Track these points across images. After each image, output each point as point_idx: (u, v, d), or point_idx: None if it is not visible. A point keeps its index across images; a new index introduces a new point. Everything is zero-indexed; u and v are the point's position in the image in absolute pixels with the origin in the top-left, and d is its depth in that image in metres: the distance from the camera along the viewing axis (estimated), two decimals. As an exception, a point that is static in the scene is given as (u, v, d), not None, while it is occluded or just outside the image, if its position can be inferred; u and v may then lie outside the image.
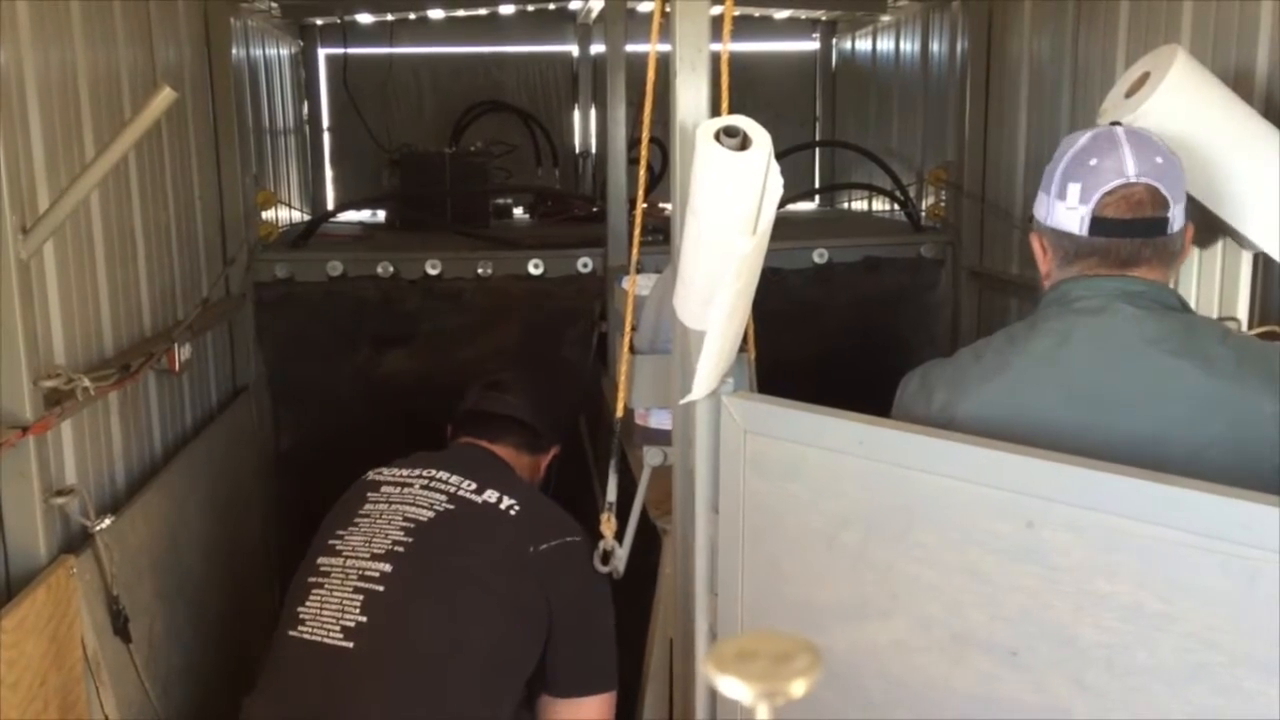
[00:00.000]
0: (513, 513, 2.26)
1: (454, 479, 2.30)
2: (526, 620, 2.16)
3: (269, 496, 3.63)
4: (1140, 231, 1.64)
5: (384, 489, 2.31)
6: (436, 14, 5.36)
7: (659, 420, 2.65)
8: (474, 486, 2.28)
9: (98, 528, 2.10)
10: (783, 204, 1.61)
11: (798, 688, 0.54)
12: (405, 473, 2.33)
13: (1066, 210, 1.65)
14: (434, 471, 2.32)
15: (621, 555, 2.04)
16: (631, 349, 2.31)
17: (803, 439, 1.53)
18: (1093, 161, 1.64)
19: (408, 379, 3.87)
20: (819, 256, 4.01)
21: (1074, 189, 1.64)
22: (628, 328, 2.10)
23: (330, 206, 5.35)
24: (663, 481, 2.04)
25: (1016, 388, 1.62)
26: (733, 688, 0.54)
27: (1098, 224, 1.63)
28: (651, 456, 2.13)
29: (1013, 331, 1.72)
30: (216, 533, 2.92)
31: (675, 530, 1.88)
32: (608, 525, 2.00)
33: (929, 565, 1.40)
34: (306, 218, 4.91)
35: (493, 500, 2.27)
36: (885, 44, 5.08)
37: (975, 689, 1.38)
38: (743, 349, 1.74)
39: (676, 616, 1.92)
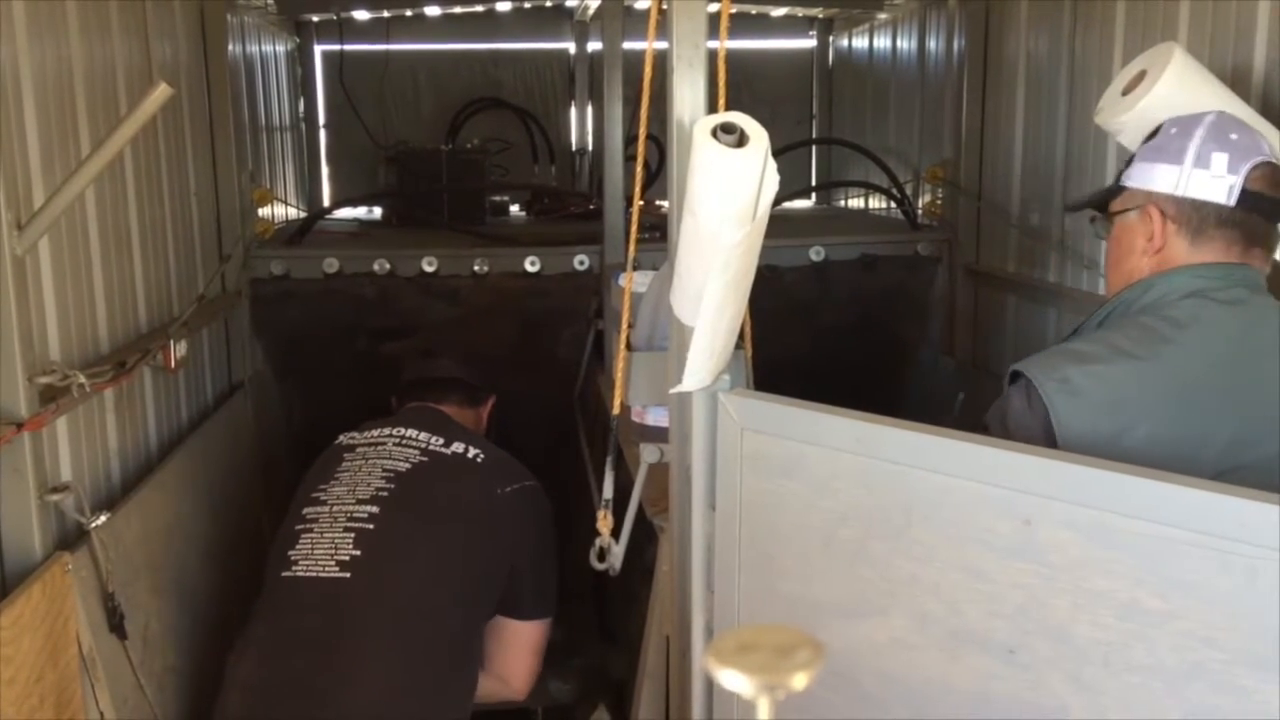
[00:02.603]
0: (479, 460, 2.58)
1: (422, 435, 2.60)
2: (496, 552, 2.47)
3: (264, 492, 3.63)
4: (1278, 213, 1.64)
5: (358, 449, 2.59)
6: (433, 11, 5.34)
7: (656, 417, 2.65)
8: (441, 441, 2.59)
9: (93, 525, 2.10)
10: (779, 201, 1.61)
11: (799, 681, 0.54)
12: (375, 433, 2.63)
13: (1212, 179, 1.62)
14: (403, 430, 2.62)
15: (618, 552, 2.04)
16: (628, 346, 2.31)
17: (800, 436, 1.53)
18: (1234, 136, 1.63)
19: None
20: (816, 254, 4.00)
21: (1220, 158, 1.62)
22: (624, 325, 2.09)
23: (326, 203, 5.35)
24: (659, 479, 2.04)
25: (1187, 392, 1.55)
26: (734, 681, 0.54)
27: (1246, 196, 1.61)
28: (648, 454, 2.13)
29: (1148, 327, 1.62)
30: (212, 529, 2.92)
31: (672, 528, 1.88)
32: (604, 522, 2.00)
33: (926, 563, 1.40)
34: (303, 214, 4.91)
35: (460, 450, 2.58)
36: (882, 42, 5.08)
37: (972, 686, 1.38)
38: (739, 346, 1.74)
39: (673, 614, 1.92)
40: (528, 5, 5.45)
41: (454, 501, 2.48)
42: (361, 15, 5.30)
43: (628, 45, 3.75)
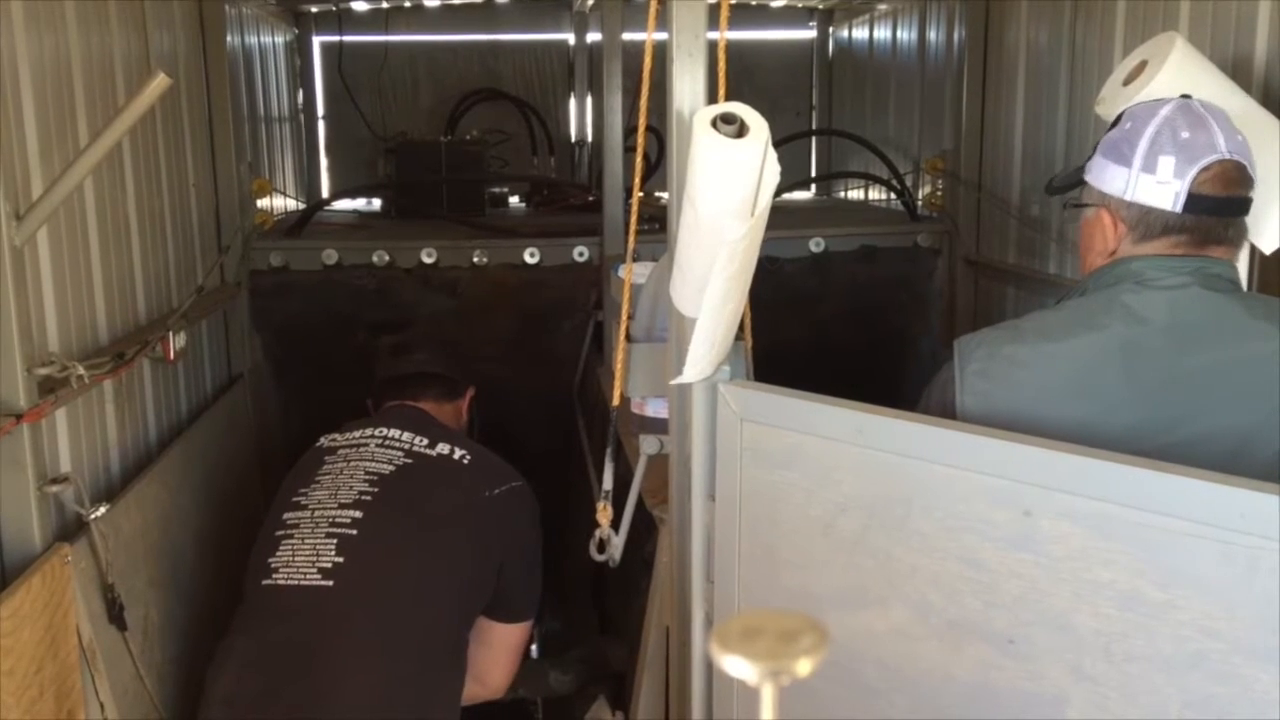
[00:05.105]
0: (465, 462, 2.49)
1: (405, 435, 2.51)
2: (485, 555, 2.40)
3: (262, 484, 3.63)
4: (1231, 210, 1.61)
5: (339, 451, 2.50)
6: (432, 1, 5.34)
7: (655, 409, 2.65)
8: (426, 442, 2.50)
9: (92, 516, 2.10)
10: (779, 193, 1.60)
11: (804, 666, 0.54)
12: (357, 435, 2.54)
13: (1157, 185, 1.59)
14: (385, 431, 2.53)
15: (617, 544, 2.04)
16: (628, 337, 2.31)
17: (800, 427, 1.53)
18: (1184, 135, 1.58)
19: None
20: (816, 245, 4.00)
21: (1166, 162, 1.59)
22: (624, 316, 2.09)
23: (325, 195, 5.34)
24: (659, 470, 2.03)
25: (1093, 375, 1.56)
26: (738, 667, 0.54)
27: (1193, 200, 1.58)
28: (648, 445, 2.12)
29: (1083, 309, 1.64)
30: (211, 521, 2.92)
31: (671, 519, 1.88)
32: (604, 514, 2.00)
33: (926, 553, 1.40)
34: (302, 206, 4.90)
35: (445, 452, 2.49)
36: (882, 32, 5.07)
37: (973, 677, 1.38)
38: (739, 337, 1.74)
39: (673, 605, 1.92)
40: (526, -4, 5.45)
41: (440, 505, 2.41)
42: (360, 6, 5.29)
43: (627, 36, 3.74)
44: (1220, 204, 1.60)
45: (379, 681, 2.16)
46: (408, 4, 5.39)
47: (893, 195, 4.51)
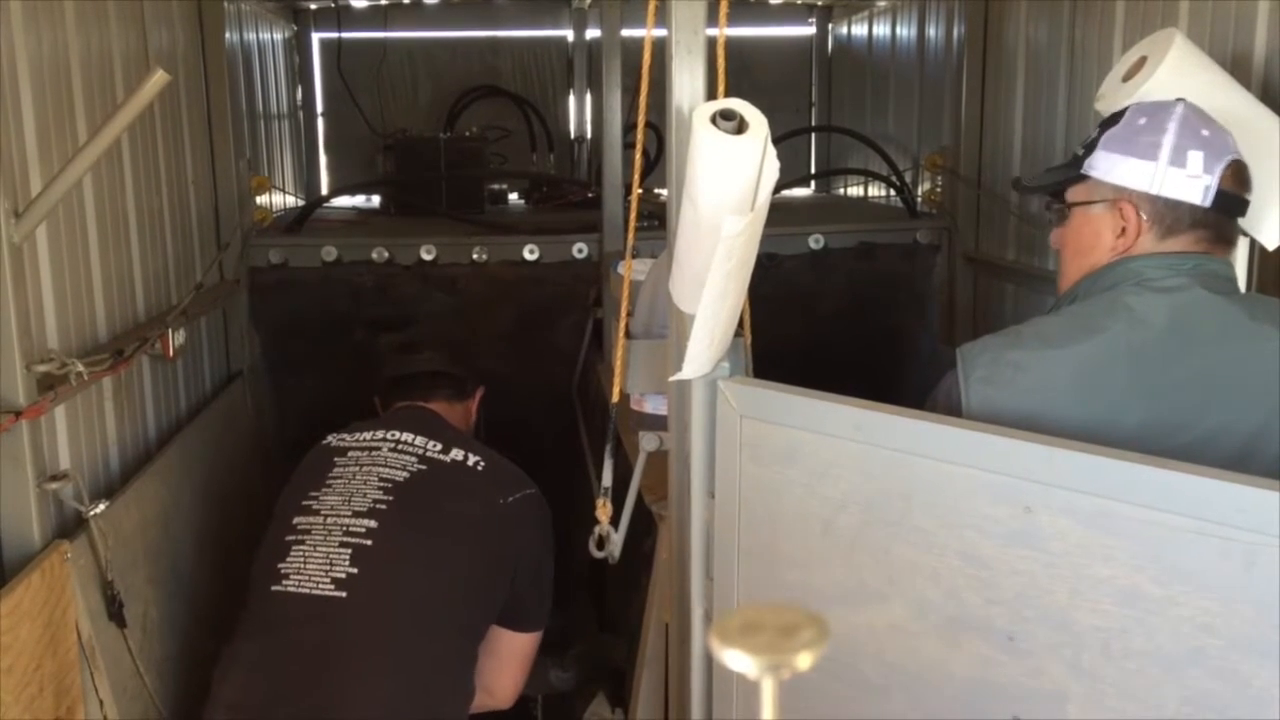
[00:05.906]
0: (479, 469, 2.45)
1: (419, 440, 2.45)
2: (499, 564, 2.37)
3: (261, 481, 3.63)
4: (1242, 210, 1.64)
5: (350, 453, 2.44)
6: (431, -2, 5.34)
7: (655, 405, 2.65)
8: (439, 447, 2.45)
9: (92, 513, 2.10)
10: (779, 189, 1.60)
11: (804, 660, 0.54)
12: (368, 436, 2.48)
13: (1188, 179, 1.59)
14: (398, 434, 2.47)
15: (617, 540, 2.04)
16: (627, 334, 2.31)
17: (799, 424, 1.53)
18: (1204, 132, 1.60)
19: None
20: (815, 242, 4.00)
21: (1195, 157, 1.59)
22: (623, 313, 2.09)
23: (324, 192, 5.34)
24: (658, 466, 2.03)
25: (1099, 379, 1.55)
26: (738, 661, 0.54)
27: (1221, 197, 1.59)
28: (647, 441, 2.12)
29: (1084, 313, 1.64)
30: (210, 518, 2.92)
31: (671, 515, 1.88)
32: (603, 510, 2.00)
33: (926, 550, 1.40)
34: (301, 203, 4.90)
35: (459, 458, 2.44)
36: (881, 29, 5.06)
37: (972, 673, 1.38)
38: (738, 333, 1.73)
39: (672, 601, 1.92)
40: (525, -8, 5.45)
41: (456, 516, 2.36)
42: (359, 3, 5.29)
43: (626, 32, 3.74)
44: (1236, 202, 1.62)
45: (387, 692, 2.14)
46: (406, 1, 5.39)
47: (892, 192, 4.51)
